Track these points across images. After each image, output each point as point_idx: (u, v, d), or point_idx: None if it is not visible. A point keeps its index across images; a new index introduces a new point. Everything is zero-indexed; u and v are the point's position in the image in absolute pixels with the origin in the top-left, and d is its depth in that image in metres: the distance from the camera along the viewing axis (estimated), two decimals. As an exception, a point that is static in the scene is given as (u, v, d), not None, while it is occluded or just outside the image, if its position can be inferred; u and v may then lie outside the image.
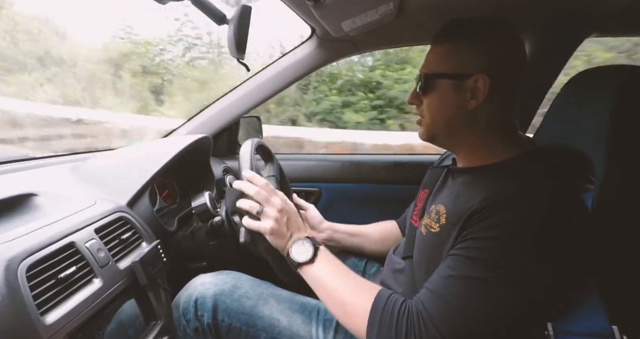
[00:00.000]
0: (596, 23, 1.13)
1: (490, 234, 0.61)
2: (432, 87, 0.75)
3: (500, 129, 0.75)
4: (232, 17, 0.94)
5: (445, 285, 0.63)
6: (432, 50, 0.77)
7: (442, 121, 0.75)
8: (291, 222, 0.79)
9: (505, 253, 0.60)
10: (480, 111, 0.72)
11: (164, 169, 0.98)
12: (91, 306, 0.63)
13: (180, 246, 1.04)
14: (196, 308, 0.83)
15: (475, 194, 0.67)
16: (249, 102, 1.38)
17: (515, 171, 0.69)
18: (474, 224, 0.63)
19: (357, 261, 1.15)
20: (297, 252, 0.76)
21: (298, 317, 0.84)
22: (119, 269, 0.73)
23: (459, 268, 0.62)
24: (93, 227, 0.73)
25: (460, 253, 0.63)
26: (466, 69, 0.71)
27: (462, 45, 0.72)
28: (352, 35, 1.20)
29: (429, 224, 0.76)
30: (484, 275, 0.60)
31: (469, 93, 0.71)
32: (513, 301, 0.61)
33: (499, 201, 0.62)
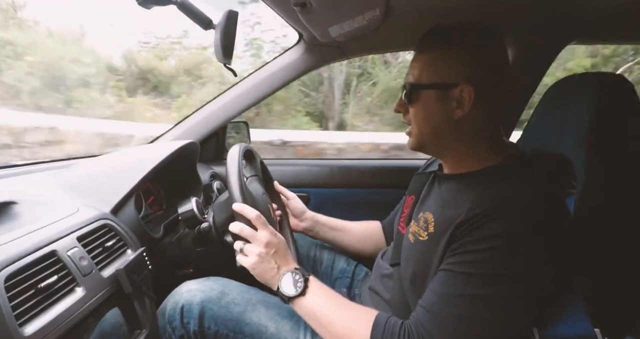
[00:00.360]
0: (578, 30, 1.15)
1: (481, 247, 0.61)
2: (417, 97, 0.75)
3: (487, 136, 0.75)
4: (219, 23, 0.94)
5: (443, 304, 0.62)
6: (417, 58, 0.77)
7: (429, 130, 0.76)
8: (279, 254, 0.79)
9: (499, 266, 0.60)
10: (466, 119, 0.73)
11: (150, 176, 0.97)
12: (73, 316, 0.61)
13: (166, 252, 1.02)
14: (182, 315, 0.82)
15: (463, 202, 0.67)
16: (236, 107, 1.38)
17: (500, 177, 0.70)
18: (464, 235, 0.63)
19: (346, 265, 1.15)
20: (287, 286, 0.75)
21: (286, 323, 0.83)
22: (103, 278, 0.72)
23: (454, 285, 0.62)
24: (75, 235, 0.72)
25: (452, 268, 0.63)
26: (451, 79, 0.71)
27: (447, 53, 0.72)
28: (339, 41, 1.21)
29: (417, 232, 0.76)
30: (480, 292, 0.60)
31: (454, 103, 0.72)
32: (512, 312, 0.61)
33: (487, 211, 0.62)
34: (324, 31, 1.11)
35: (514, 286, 0.60)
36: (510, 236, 0.60)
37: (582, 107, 0.69)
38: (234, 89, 1.38)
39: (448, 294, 0.62)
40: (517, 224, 0.60)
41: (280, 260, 0.78)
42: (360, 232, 1.14)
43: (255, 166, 1.15)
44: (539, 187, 0.66)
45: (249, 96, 1.37)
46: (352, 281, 1.11)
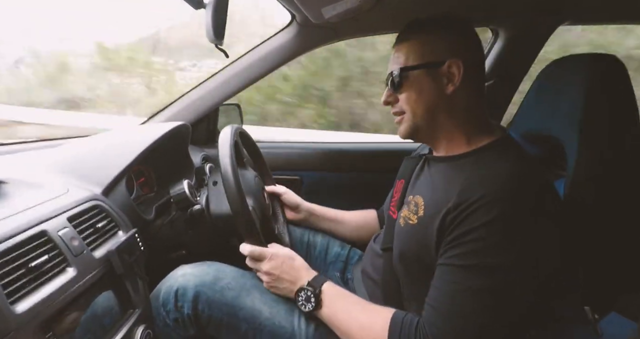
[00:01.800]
0: (568, 12, 1.15)
1: (475, 236, 0.62)
2: (407, 81, 0.76)
3: (476, 115, 0.76)
4: (210, 2, 0.92)
5: (450, 302, 0.63)
6: (398, 47, 0.79)
7: (423, 111, 0.76)
8: (286, 274, 0.82)
9: (496, 254, 0.61)
10: (457, 95, 0.74)
11: (141, 157, 0.96)
12: (64, 296, 0.62)
13: (158, 234, 1.02)
14: (176, 299, 0.83)
15: (452, 185, 0.68)
16: (228, 89, 1.36)
17: (489, 159, 0.70)
18: (457, 225, 0.64)
19: (340, 249, 1.16)
20: (303, 302, 0.79)
21: (281, 308, 0.84)
22: (94, 258, 0.72)
23: (456, 279, 0.63)
24: (66, 215, 0.71)
25: (451, 262, 0.64)
26: (439, 57, 0.73)
27: (427, 36, 0.76)
28: (332, 22, 1.19)
29: (408, 216, 0.77)
30: (482, 283, 0.61)
31: (444, 79, 0.74)
32: (517, 297, 0.63)
33: (477, 198, 0.62)
34: (316, 12, 1.10)
35: (514, 273, 0.61)
36: (504, 223, 0.60)
37: (574, 89, 0.70)
38: (226, 71, 1.36)
39: (453, 290, 0.63)
40: (509, 210, 0.61)
41: (290, 277, 0.82)
42: (356, 222, 1.16)
43: (248, 148, 1.14)
44: (527, 170, 0.67)
45: (241, 78, 1.35)
46: (345, 265, 1.13)
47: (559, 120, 0.73)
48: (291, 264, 0.83)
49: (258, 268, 0.85)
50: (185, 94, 1.40)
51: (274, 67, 1.35)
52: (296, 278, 0.82)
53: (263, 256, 0.84)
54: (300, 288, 0.80)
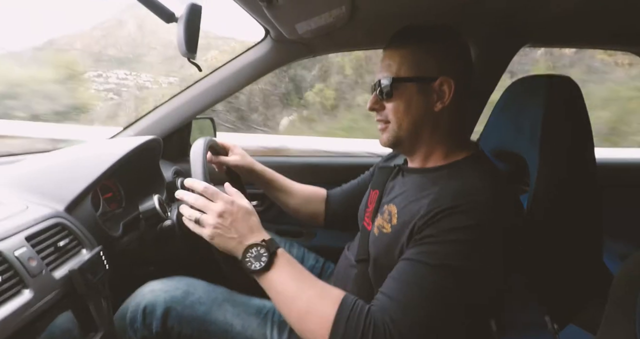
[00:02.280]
0: (529, 34, 1.21)
1: (440, 239, 0.63)
2: (397, 91, 0.75)
3: (458, 132, 0.78)
4: (181, 16, 0.91)
5: (407, 294, 0.63)
6: (391, 54, 0.77)
7: (409, 124, 0.76)
8: (239, 224, 0.73)
9: (456, 258, 0.62)
10: (445, 112, 0.75)
11: (109, 172, 0.93)
12: (19, 320, 0.58)
13: (126, 251, 0.99)
14: (144, 317, 0.80)
15: (425, 196, 0.70)
16: (201, 103, 1.34)
17: (462, 173, 0.72)
18: (425, 228, 0.65)
19: (314, 262, 1.16)
20: (250, 259, 0.70)
21: (253, 320, 0.83)
22: (54, 279, 0.68)
23: (414, 273, 0.64)
24: (24, 234, 0.68)
25: (413, 258, 0.65)
26: (432, 72, 0.74)
27: (425, 48, 0.75)
28: (306, 38, 1.21)
29: (382, 225, 0.78)
30: (442, 281, 0.62)
31: (435, 95, 0.74)
32: (467, 300, 0.63)
33: (448, 207, 0.64)
34: (290, 28, 1.11)
35: (474, 278, 0.62)
36: (473, 231, 0.62)
37: (533, 108, 0.73)
38: (199, 85, 1.35)
39: (408, 282, 0.64)
40: (476, 219, 0.62)
41: (242, 229, 0.72)
42: (303, 197, 1.14)
43: (217, 153, 1.12)
44: (497, 183, 0.69)
45: (214, 92, 1.34)
46: (319, 277, 1.12)
47: (521, 138, 0.76)
48: (247, 218, 0.74)
49: (209, 206, 0.73)
50: (157, 107, 1.37)
51: (247, 82, 1.35)
52: (248, 233, 0.73)
53: (218, 197, 0.74)
54: (253, 243, 0.71)
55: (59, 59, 6.16)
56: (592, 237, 0.71)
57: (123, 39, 8.65)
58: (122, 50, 8.03)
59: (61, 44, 6.54)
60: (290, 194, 1.13)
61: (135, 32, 3.22)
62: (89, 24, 5.30)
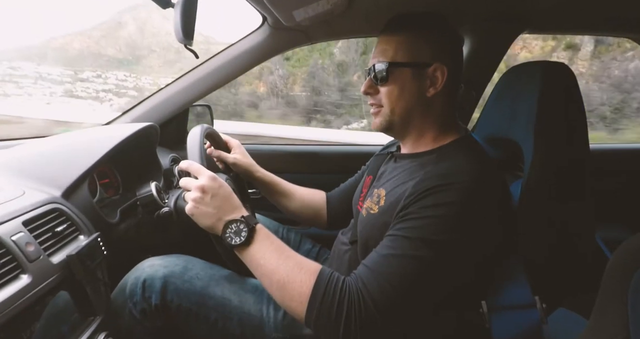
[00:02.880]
0: (528, 21, 1.20)
1: (422, 215, 0.65)
2: (392, 76, 0.77)
3: (448, 117, 0.80)
4: (178, 2, 0.90)
5: (385, 264, 0.65)
6: (387, 39, 0.79)
7: (402, 109, 0.78)
8: (219, 201, 0.73)
9: (436, 232, 0.64)
10: (436, 98, 0.77)
11: (106, 158, 0.93)
12: (17, 304, 0.59)
13: (123, 238, 0.99)
14: (144, 290, 0.82)
15: (412, 179, 0.72)
16: (198, 90, 1.34)
17: (448, 156, 0.74)
18: (410, 205, 0.67)
19: (311, 246, 1.19)
20: (230, 235, 0.72)
21: (250, 297, 0.85)
22: (52, 264, 0.69)
23: (398, 247, 0.65)
24: (21, 219, 0.68)
25: (397, 233, 0.67)
26: (427, 58, 0.75)
27: (419, 35, 0.77)
28: (304, 25, 1.20)
29: (369, 206, 0.80)
30: (420, 253, 0.63)
31: (428, 81, 0.76)
32: (448, 276, 0.65)
33: (431, 186, 0.66)
34: (288, 15, 1.10)
35: (448, 251, 0.64)
36: (455, 207, 0.64)
37: (529, 94, 0.73)
38: (196, 72, 1.33)
39: (389, 254, 0.65)
40: (457, 197, 0.64)
41: (222, 206, 0.73)
42: (304, 200, 1.14)
43: (219, 148, 1.12)
44: (483, 165, 0.71)
45: (211, 79, 1.33)
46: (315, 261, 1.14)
47: (517, 124, 0.77)
48: (227, 195, 0.75)
49: (191, 184, 0.74)
50: (154, 94, 1.36)
51: (245, 69, 1.34)
52: (228, 209, 0.74)
53: (201, 172, 0.76)
54: (233, 219, 0.72)
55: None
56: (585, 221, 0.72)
57: (123, 40, 8.52)
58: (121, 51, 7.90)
59: (60, 42, 6.39)
60: (290, 198, 1.14)
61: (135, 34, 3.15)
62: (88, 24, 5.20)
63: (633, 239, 0.45)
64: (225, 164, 1.08)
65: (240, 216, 0.74)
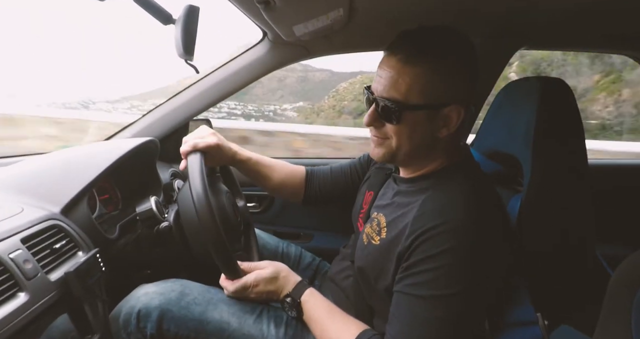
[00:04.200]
0: (526, 37, 1.22)
1: (429, 266, 0.64)
2: (404, 117, 0.69)
3: (453, 146, 0.76)
4: (179, 17, 0.91)
5: (412, 334, 0.65)
6: (401, 70, 0.68)
7: (409, 148, 0.73)
8: (271, 293, 0.85)
9: (449, 284, 0.63)
10: (447, 136, 0.72)
11: (105, 174, 0.93)
12: (14, 323, 0.58)
13: (122, 254, 0.98)
14: (139, 320, 0.79)
15: (410, 211, 0.71)
16: (198, 104, 1.34)
17: (446, 184, 0.72)
18: (412, 254, 0.66)
19: (311, 260, 1.19)
20: (287, 310, 0.84)
21: (249, 318, 0.84)
22: (50, 281, 0.68)
23: (414, 310, 0.65)
24: (19, 237, 0.67)
25: (408, 291, 0.66)
26: (442, 99, 0.68)
27: (438, 68, 0.67)
28: (304, 40, 1.21)
29: (370, 234, 0.79)
30: (443, 314, 0.63)
31: (441, 122, 0.70)
32: (473, 320, 0.66)
33: (430, 228, 0.65)
34: (288, 30, 1.11)
35: (468, 300, 0.63)
36: (450, 253, 0.63)
37: (527, 110, 0.74)
38: (196, 86, 1.34)
39: (413, 322, 0.65)
40: (453, 241, 0.63)
41: (277, 291, 0.85)
42: (282, 176, 1.11)
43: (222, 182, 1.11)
44: (479, 195, 0.70)
45: (211, 94, 1.34)
46: (315, 274, 1.16)
47: (515, 139, 0.77)
48: (273, 282, 0.85)
49: (245, 295, 0.85)
50: (154, 109, 1.37)
51: (245, 83, 1.35)
52: (280, 291, 0.85)
53: (246, 287, 0.84)
54: (283, 299, 0.85)
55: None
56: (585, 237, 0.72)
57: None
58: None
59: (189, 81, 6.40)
60: (271, 172, 1.09)
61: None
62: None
63: (636, 255, 0.45)
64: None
65: (286, 293, 0.85)
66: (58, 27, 30.00)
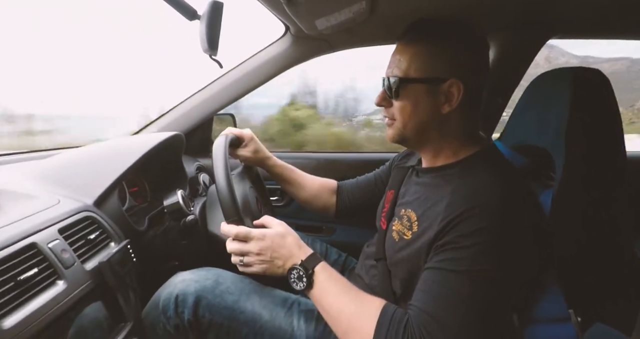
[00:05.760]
0: (555, 27, 1.17)
1: (464, 244, 0.63)
2: (405, 91, 0.74)
3: (467, 131, 0.77)
4: (203, 13, 0.93)
5: (442, 306, 0.63)
6: (403, 49, 0.75)
7: (414, 125, 0.76)
8: (278, 252, 0.77)
9: (483, 261, 0.62)
10: (452, 114, 0.74)
11: (134, 167, 0.96)
12: (54, 309, 0.61)
13: (151, 245, 1.01)
14: (177, 305, 0.82)
15: (440, 198, 0.70)
16: (222, 99, 1.36)
17: (473, 170, 0.72)
18: (446, 233, 0.65)
19: (337, 257, 1.18)
20: (295, 280, 0.75)
21: (280, 310, 0.85)
22: (85, 270, 0.71)
23: (446, 284, 0.63)
24: (57, 227, 0.71)
25: (441, 266, 0.65)
26: (442, 73, 0.71)
27: (437, 47, 0.72)
28: (326, 34, 1.21)
29: (402, 230, 0.78)
30: (471, 288, 0.62)
31: (443, 97, 0.72)
32: (503, 300, 0.64)
33: (464, 211, 0.64)
34: (310, 24, 1.11)
35: (498, 279, 0.62)
36: (484, 232, 0.62)
37: (559, 101, 0.71)
38: (220, 81, 1.36)
39: (443, 294, 0.63)
40: (488, 221, 0.62)
41: (283, 255, 0.77)
42: (314, 190, 1.15)
43: (249, 178, 1.13)
44: (508, 180, 0.68)
45: (234, 88, 1.35)
46: (342, 271, 1.14)
47: (547, 132, 0.74)
48: (281, 243, 0.78)
49: (245, 249, 0.78)
50: (179, 104, 1.40)
51: (268, 78, 1.36)
52: (288, 256, 0.77)
53: (250, 237, 0.78)
54: (292, 266, 0.75)
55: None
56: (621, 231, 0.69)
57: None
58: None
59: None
60: (302, 186, 1.14)
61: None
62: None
63: None
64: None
65: (299, 260, 0.76)
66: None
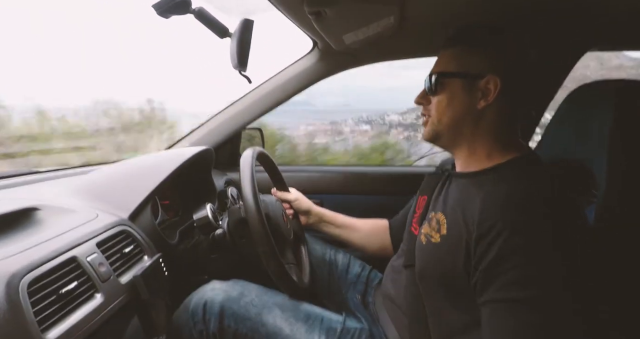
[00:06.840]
0: (596, 38, 1.13)
1: (507, 266, 0.58)
2: (442, 87, 0.76)
3: (503, 132, 0.75)
4: (235, 31, 0.95)
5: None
6: (444, 53, 0.78)
7: (449, 119, 0.76)
8: None
9: (535, 283, 0.57)
10: (487, 112, 0.73)
11: (166, 182, 0.98)
12: (92, 322, 0.62)
13: (182, 259, 1.03)
14: (205, 311, 0.85)
15: (472, 204, 0.66)
16: (250, 114, 1.39)
17: (508, 176, 0.69)
18: (486, 250, 0.61)
19: (360, 270, 1.15)
20: None
21: (301, 326, 0.85)
22: (120, 284, 0.72)
23: (509, 318, 0.59)
24: (95, 241, 0.72)
25: (500, 297, 0.60)
26: (479, 69, 0.73)
27: (475, 47, 0.74)
28: (353, 48, 1.22)
29: (429, 233, 0.76)
30: (537, 317, 0.57)
31: (479, 93, 0.73)
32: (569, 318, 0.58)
33: (498, 223, 0.60)
34: (338, 39, 1.12)
35: (559, 296, 0.57)
36: (529, 248, 0.57)
37: (601, 113, 0.69)
38: (248, 96, 1.39)
39: (513, 330, 0.58)
40: (533, 236, 0.58)
41: None
42: (366, 231, 1.16)
43: (269, 169, 1.15)
44: (548, 189, 0.64)
45: (263, 103, 1.38)
46: (366, 288, 1.11)
47: (587, 145, 0.72)
48: None
49: None
50: (210, 119, 1.43)
51: (295, 92, 1.38)
52: None
53: None
54: None
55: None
56: None
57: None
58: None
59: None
60: (353, 231, 1.16)
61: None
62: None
63: None
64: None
65: None
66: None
